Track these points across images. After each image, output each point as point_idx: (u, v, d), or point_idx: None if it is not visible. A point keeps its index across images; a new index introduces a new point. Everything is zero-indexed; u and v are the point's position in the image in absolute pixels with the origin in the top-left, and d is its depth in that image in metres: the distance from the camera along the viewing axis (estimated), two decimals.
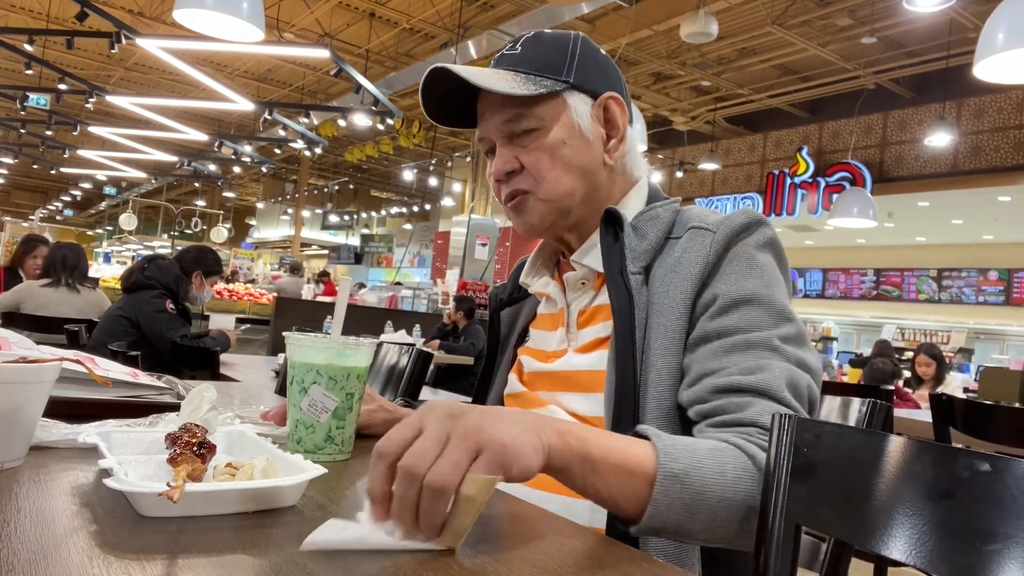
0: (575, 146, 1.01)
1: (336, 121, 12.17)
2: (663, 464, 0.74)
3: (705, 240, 0.95)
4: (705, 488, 0.75)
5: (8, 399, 0.67)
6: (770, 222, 0.99)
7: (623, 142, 1.06)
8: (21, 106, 11.27)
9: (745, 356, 0.88)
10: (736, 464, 0.78)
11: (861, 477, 0.78)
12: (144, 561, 0.49)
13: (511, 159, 1.02)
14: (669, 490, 0.73)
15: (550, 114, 1.00)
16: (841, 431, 0.84)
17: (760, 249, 0.96)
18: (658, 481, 0.73)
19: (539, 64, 1.01)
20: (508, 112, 1.00)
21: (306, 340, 0.88)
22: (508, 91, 0.97)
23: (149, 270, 3.44)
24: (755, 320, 0.90)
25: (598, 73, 1.05)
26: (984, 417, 2.46)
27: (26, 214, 25.86)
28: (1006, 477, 0.66)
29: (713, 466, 0.76)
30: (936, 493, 0.71)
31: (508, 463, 0.60)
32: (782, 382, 0.86)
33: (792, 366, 0.88)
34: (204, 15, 4.10)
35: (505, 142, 1.03)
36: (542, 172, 1.00)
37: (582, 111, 1.02)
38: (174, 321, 3.39)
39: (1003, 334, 14.07)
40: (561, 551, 0.62)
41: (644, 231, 1.00)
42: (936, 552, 0.69)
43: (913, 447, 0.76)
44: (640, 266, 0.98)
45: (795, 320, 0.93)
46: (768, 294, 0.92)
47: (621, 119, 1.05)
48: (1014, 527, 0.64)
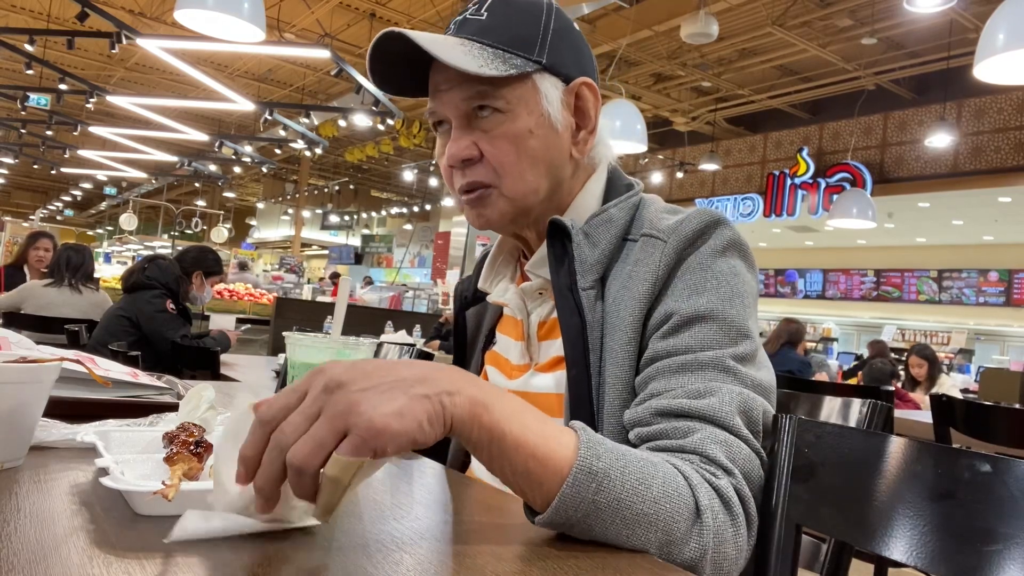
0: (542, 137, 0.91)
1: (336, 121, 12.17)
2: (582, 458, 0.64)
3: (656, 252, 0.87)
4: (623, 495, 0.65)
5: (8, 399, 0.67)
6: (730, 221, 0.89)
7: (593, 134, 0.96)
8: (21, 106, 11.28)
9: (694, 377, 0.80)
10: (667, 482, 0.68)
11: (862, 478, 0.78)
12: (144, 560, 0.49)
13: (469, 144, 0.90)
14: (581, 487, 0.63)
15: (518, 97, 0.89)
16: (842, 432, 0.84)
17: (717, 255, 0.87)
18: (572, 475, 0.63)
19: (508, 37, 0.89)
20: (469, 89, 0.88)
21: (306, 340, 0.88)
22: (475, 71, 0.84)
23: (149, 270, 3.44)
24: (707, 339, 0.82)
25: (572, 54, 0.94)
26: (984, 418, 2.46)
27: (26, 214, 25.87)
28: (1006, 478, 0.66)
29: (638, 475, 0.67)
30: (936, 494, 0.71)
31: (378, 445, 0.55)
32: (733, 408, 0.78)
33: (746, 390, 0.80)
34: (204, 15, 4.10)
35: (463, 123, 0.90)
36: (505, 166, 0.90)
37: (552, 97, 0.91)
38: (174, 321, 3.40)
39: (1003, 335, 14.07)
40: (561, 551, 0.61)
41: (596, 238, 0.91)
42: (936, 553, 0.69)
43: (913, 448, 0.76)
44: (592, 279, 0.89)
45: (752, 336, 0.85)
46: (722, 309, 0.83)
47: (594, 108, 0.95)
48: (1014, 527, 0.64)
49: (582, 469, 0.64)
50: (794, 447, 0.85)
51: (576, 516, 0.64)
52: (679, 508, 0.68)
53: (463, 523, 0.69)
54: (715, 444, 0.75)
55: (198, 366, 3.08)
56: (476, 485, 0.85)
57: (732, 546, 0.71)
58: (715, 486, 0.72)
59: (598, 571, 0.57)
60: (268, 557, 0.53)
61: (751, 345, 0.84)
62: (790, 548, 0.81)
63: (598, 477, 0.65)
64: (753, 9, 9.08)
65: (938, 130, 9.01)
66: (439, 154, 0.96)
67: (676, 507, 0.68)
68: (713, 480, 0.72)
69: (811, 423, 0.86)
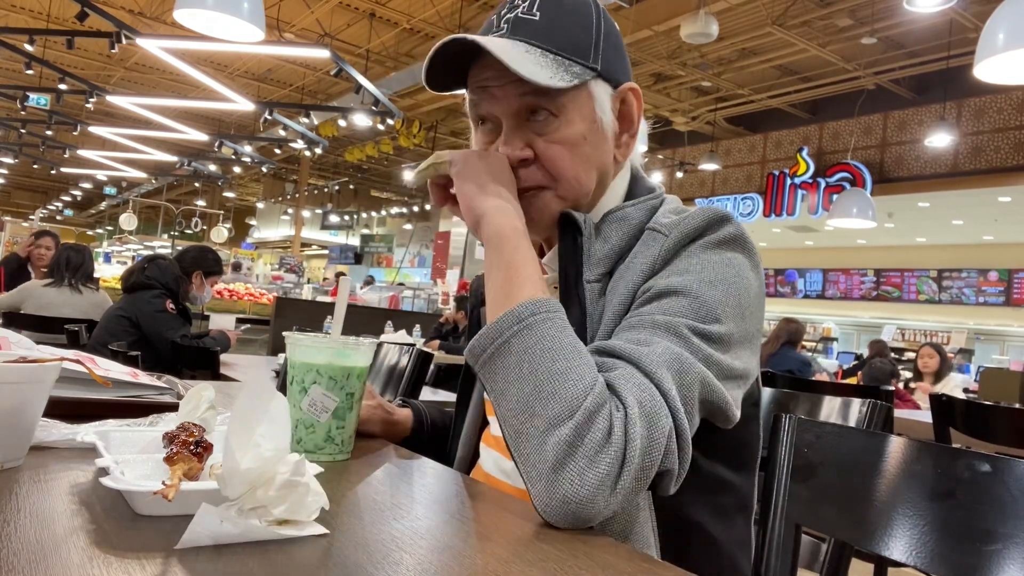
0: (594, 142, 0.92)
1: (336, 121, 12.16)
2: (521, 306, 0.75)
3: (656, 245, 0.87)
4: (531, 350, 0.72)
5: (8, 399, 0.67)
6: (736, 219, 0.88)
7: (635, 138, 0.97)
8: (21, 106, 11.28)
9: (641, 332, 0.79)
10: (574, 370, 0.71)
11: (861, 477, 0.78)
12: (144, 560, 0.49)
13: (524, 147, 0.90)
14: (504, 324, 0.75)
15: (574, 103, 0.90)
16: (841, 431, 0.84)
17: (713, 247, 0.86)
18: (504, 313, 0.75)
19: (565, 43, 0.88)
20: (526, 87, 0.86)
21: (306, 340, 0.88)
22: (545, 83, 0.84)
23: (149, 270, 3.44)
24: (671, 308, 0.80)
25: (618, 58, 0.95)
26: (984, 418, 2.46)
27: (26, 214, 25.85)
28: (1006, 477, 0.66)
29: (558, 347, 0.72)
30: (936, 493, 0.71)
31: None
32: (663, 360, 0.75)
33: (691, 356, 0.77)
34: (204, 15, 4.10)
35: (515, 123, 0.90)
36: (561, 170, 0.90)
37: (605, 104, 0.92)
38: (174, 321, 3.40)
39: (1003, 334, 14.06)
40: (561, 551, 0.61)
41: (607, 234, 0.91)
42: (936, 552, 0.69)
43: (913, 448, 0.76)
44: (599, 272, 0.89)
45: (725, 322, 0.81)
46: (697, 289, 0.81)
47: (637, 113, 0.96)
48: (1014, 527, 0.64)
49: (513, 312, 0.74)
50: (794, 447, 0.85)
51: (490, 350, 0.74)
52: (564, 395, 0.70)
53: (463, 523, 0.69)
54: (628, 382, 0.72)
55: (198, 366, 3.08)
56: (477, 485, 0.85)
57: (591, 472, 0.67)
58: (607, 410, 0.70)
59: (598, 571, 0.57)
60: (268, 557, 0.53)
61: (721, 329, 0.81)
62: (790, 548, 0.81)
63: (523, 324, 0.73)
64: (753, 9, 9.07)
65: (938, 130, 9.01)
66: (479, 147, 0.95)
67: (562, 391, 0.70)
68: (608, 405, 0.70)
69: (811, 423, 0.86)
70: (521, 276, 0.80)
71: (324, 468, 0.70)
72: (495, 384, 0.74)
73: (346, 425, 0.88)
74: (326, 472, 0.70)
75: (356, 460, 0.89)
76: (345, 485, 0.78)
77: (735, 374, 0.82)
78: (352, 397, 0.88)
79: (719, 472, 0.87)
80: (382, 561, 0.54)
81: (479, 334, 0.76)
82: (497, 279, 0.81)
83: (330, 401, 0.86)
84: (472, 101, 0.94)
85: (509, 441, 0.72)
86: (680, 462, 0.73)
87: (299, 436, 0.87)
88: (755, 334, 0.87)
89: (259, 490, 0.56)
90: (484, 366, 0.76)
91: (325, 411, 0.86)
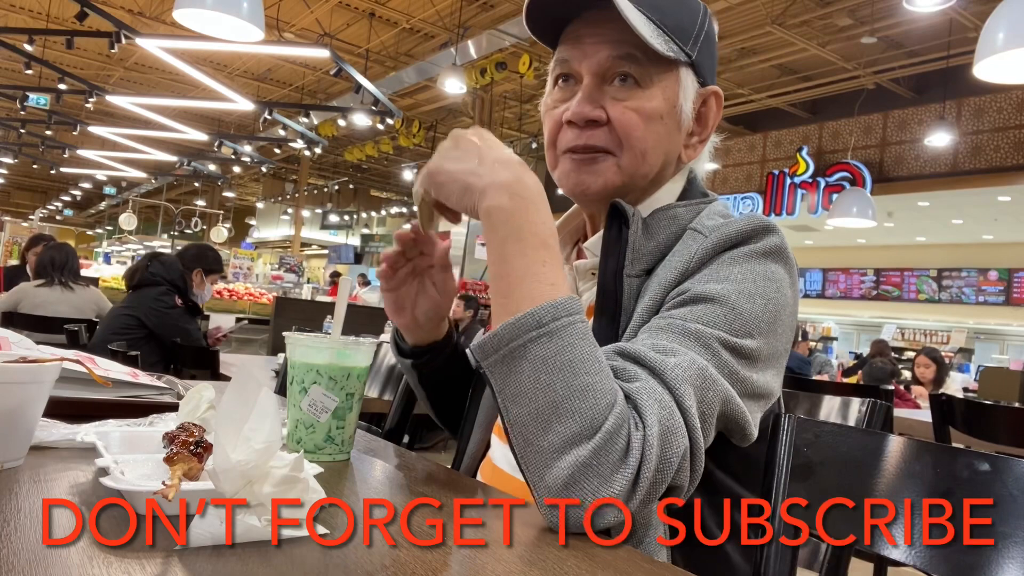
0: (669, 127, 0.90)
1: (336, 121, 12.17)
2: (547, 307, 0.68)
3: (694, 245, 0.85)
4: (549, 362, 0.67)
5: (8, 399, 0.67)
6: (780, 230, 0.86)
7: (704, 143, 0.97)
8: (21, 106, 11.27)
9: (668, 336, 0.76)
10: (596, 387, 0.67)
11: (861, 477, 0.78)
12: (144, 560, 0.49)
13: (598, 108, 0.88)
14: (522, 327, 0.68)
15: (661, 79, 0.89)
16: (841, 431, 0.84)
17: (756, 256, 0.83)
18: (526, 312, 0.68)
19: (671, 21, 0.88)
20: (622, 49, 0.86)
21: (306, 340, 0.88)
22: (647, 36, 0.83)
23: (154, 267, 3.44)
24: (703, 316, 0.78)
25: (711, 61, 0.95)
26: (984, 417, 2.46)
27: (26, 214, 25.85)
28: (1006, 477, 0.67)
29: (578, 360, 0.67)
30: (936, 493, 0.71)
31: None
32: (687, 375, 0.72)
33: (716, 372, 0.74)
34: (204, 15, 4.10)
35: (597, 83, 0.89)
36: (632, 138, 0.88)
37: (689, 94, 0.91)
38: (184, 317, 3.41)
39: (1003, 334, 14.07)
40: (561, 551, 0.62)
41: (654, 230, 0.89)
42: (936, 552, 0.69)
43: (913, 447, 0.76)
44: (641, 268, 0.87)
45: (757, 338, 0.78)
46: (735, 300, 0.79)
47: (714, 119, 0.96)
48: (1014, 527, 0.64)
49: (533, 315, 0.68)
50: (793, 446, 0.85)
51: (503, 351, 0.69)
52: (584, 414, 0.66)
53: (463, 523, 0.69)
54: (649, 397, 0.70)
55: (198, 366, 3.08)
56: (478, 485, 0.85)
57: (604, 490, 0.66)
58: (626, 430, 0.68)
59: (598, 571, 0.57)
60: (268, 557, 0.53)
61: (753, 344, 0.78)
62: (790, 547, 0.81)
63: (544, 330, 0.68)
64: (752, 8, 9.07)
65: (938, 129, 9.01)
66: (548, 107, 0.94)
67: (583, 409, 0.66)
68: (627, 425, 0.68)
69: (810, 422, 0.86)
70: (525, 261, 0.73)
71: (324, 468, 0.70)
72: (506, 387, 0.69)
73: (346, 425, 0.88)
74: (326, 472, 0.70)
75: (356, 460, 0.89)
76: (345, 485, 0.78)
77: (759, 392, 0.80)
78: (352, 397, 0.88)
79: (729, 485, 0.86)
80: (382, 561, 0.54)
81: (493, 333, 0.70)
82: (499, 266, 0.74)
83: (330, 401, 0.86)
84: (559, 58, 0.92)
85: (515, 447, 0.70)
86: (691, 479, 0.72)
87: (299, 436, 0.87)
88: (783, 353, 0.85)
89: (255, 484, 0.56)
90: (495, 366, 0.70)
91: (325, 411, 0.86)
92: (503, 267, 0.73)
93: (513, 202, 0.74)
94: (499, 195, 0.74)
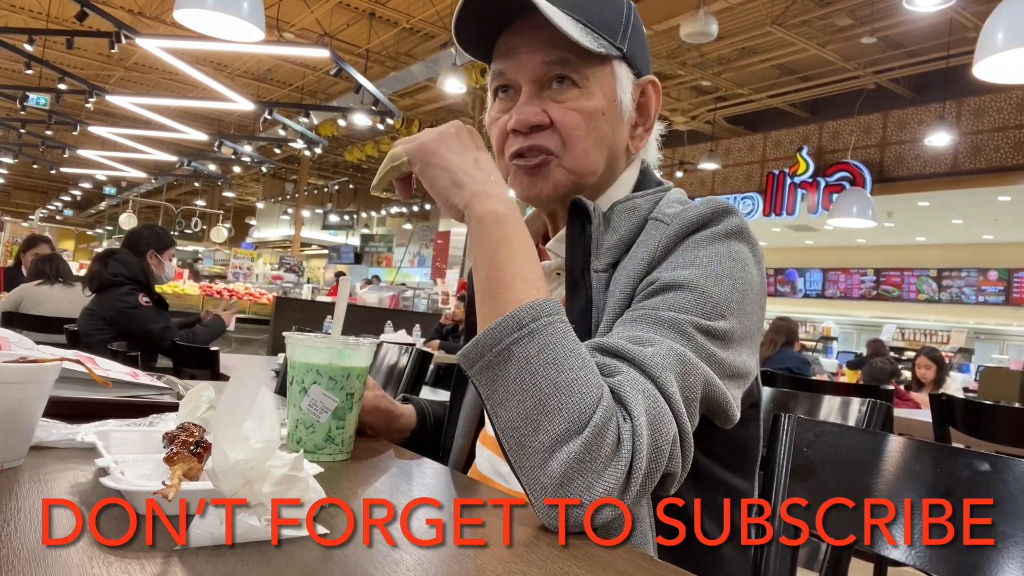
0: (611, 121, 0.93)
1: (336, 121, 12.16)
2: (526, 308, 0.70)
3: (657, 234, 0.87)
4: (533, 361, 0.68)
5: (8, 399, 0.67)
6: (739, 211, 0.88)
7: (649, 132, 0.99)
8: (21, 106, 11.26)
9: (644, 327, 0.78)
10: (580, 382, 0.68)
11: (861, 477, 0.78)
12: (144, 560, 0.49)
13: (540, 111, 0.90)
14: (504, 330, 0.69)
15: (596, 77, 0.91)
16: (841, 431, 0.84)
17: (718, 238, 0.85)
18: (506, 315, 0.70)
19: (597, 19, 0.90)
20: (554, 54, 0.89)
21: (306, 340, 0.88)
22: (576, 36, 0.85)
23: (112, 267, 3.40)
24: (675, 303, 0.79)
25: (643, 52, 0.97)
26: (984, 417, 2.46)
27: (26, 214, 25.84)
28: (1006, 477, 0.67)
29: (561, 357, 0.68)
30: (936, 493, 0.71)
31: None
32: (667, 362, 0.73)
33: (695, 356, 0.76)
34: (204, 15, 4.10)
35: (535, 90, 0.91)
36: (574, 138, 0.90)
37: (625, 86, 0.94)
38: (152, 313, 3.38)
39: (1003, 334, 14.07)
40: (560, 551, 0.62)
41: (616, 223, 0.90)
42: (936, 552, 0.69)
43: (913, 447, 0.76)
44: (606, 262, 0.89)
45: (729, 319, 0.80)
46: (704, 284, 0.80)
47: (655, 108, 0.98)
48: (1014, 527, 0.64)
49: (513, 317, 0.70)
50: (793, 446, 0.85)
51: (488, 357, 0.70)
52: (572, 409, 0.67)
53: (464, 523, 0.69)
54: (633, 389, 0.71)
55: (198, 366, 3.08)
56: (477, 485, 0.85)
57: (598, 485, 0.66)
58: (615, 423, 0.68)
59: (598, 571, 0.57)
60: (268, 557, 0.53)
61: (726, 325, 0.80)
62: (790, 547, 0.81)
63: (524, 331, 0.69)
64: (752, 8, 9.07)
65: (938, 129, 9.01)
66: (492, 119, 0.96)
67: (570, 404, 0.67)
68: (615, 418, 0.69)
69: (810, 422, 0.86)
70: (516, 267, 0.75)
71: (324, 468, 0.70)
72: (494, 393, 0.70)
73: (346, 425, 0.88)
74: (326, 472, 0.70)
75: (356, 460, 0.89)
76: (345, 485, 0.78)
77: (737, 372, 0.82)
78: (352, 397, 0.88)
79: (718, 473, 0.86)
80: (382, 561, 0.54)
81: (475, 340, 0.72)
82: (489, 269, 0.76)
83: (330, 401, 0.86)
84: (496, 71, 0.94)
85: (508, 451, 0.70)
86: (683, 465, 0.73)
87: (299, 436, 0.87)
88: (755, 332, 0.87)
89: (255, 484, 0.56)
90: (481, 373, 0.71)
91: (325, 411, 0.86)
92: (493, 271, 0.76)
93: (506, 210, 0.77)
94: (492, 202, 0.78)
